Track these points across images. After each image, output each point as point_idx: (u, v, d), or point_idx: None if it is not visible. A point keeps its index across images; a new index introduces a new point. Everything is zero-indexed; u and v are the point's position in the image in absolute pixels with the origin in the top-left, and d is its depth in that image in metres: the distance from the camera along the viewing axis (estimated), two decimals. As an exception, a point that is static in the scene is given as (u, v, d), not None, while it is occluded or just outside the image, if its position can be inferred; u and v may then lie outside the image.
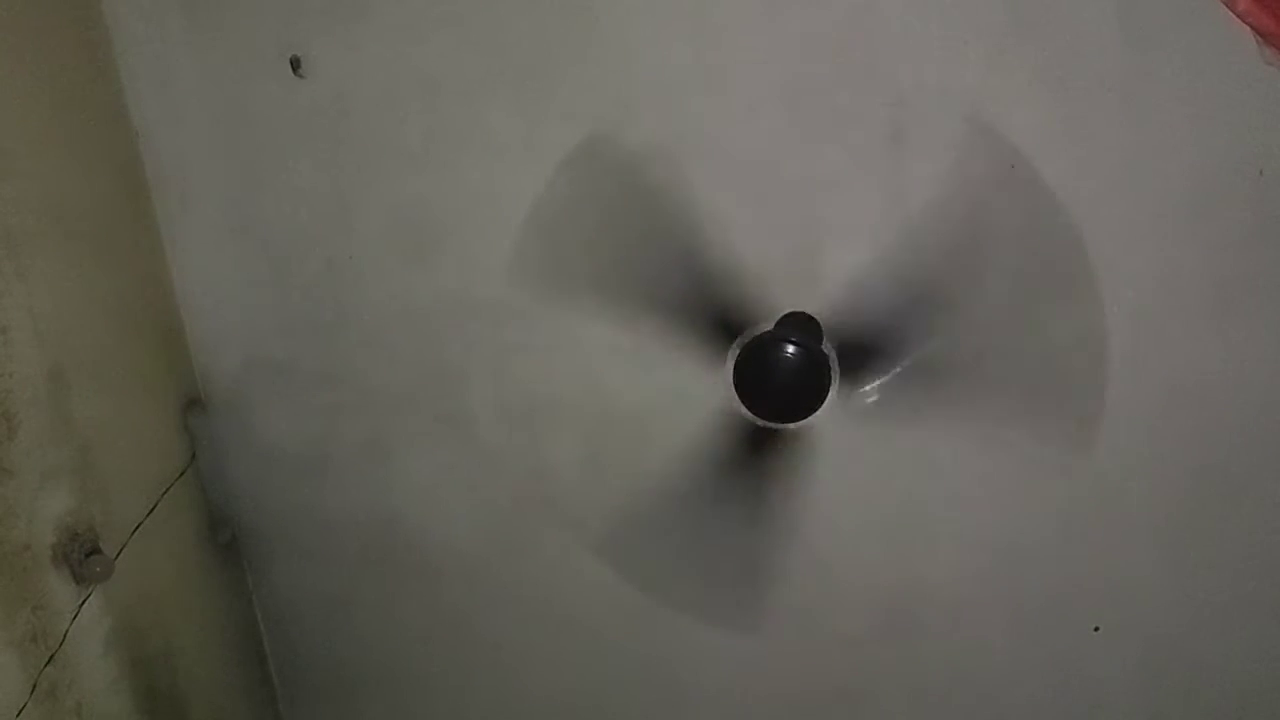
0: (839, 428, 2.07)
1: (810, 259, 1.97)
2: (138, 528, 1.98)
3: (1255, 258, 1.85)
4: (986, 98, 1.81)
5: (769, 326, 2.00)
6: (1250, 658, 2.15)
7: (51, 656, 1.67)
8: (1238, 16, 1.64)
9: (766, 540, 2.21)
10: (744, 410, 2.03)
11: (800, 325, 1.99)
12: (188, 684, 2.15)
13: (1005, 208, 1.87)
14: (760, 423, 2.06)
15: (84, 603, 1.77)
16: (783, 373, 1.98)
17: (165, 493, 2.10)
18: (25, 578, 1.62)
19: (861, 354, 2.00)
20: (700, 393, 2.07)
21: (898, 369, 1.99)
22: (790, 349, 1.96)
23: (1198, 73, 1.74)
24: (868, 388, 2.01)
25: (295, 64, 1.96)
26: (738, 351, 2.01)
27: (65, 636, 1.71)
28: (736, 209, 1.96)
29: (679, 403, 2.11)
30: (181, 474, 2.19)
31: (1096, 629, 2.19)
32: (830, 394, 2.00)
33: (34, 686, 1.62)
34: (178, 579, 2.17)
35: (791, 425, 2.06)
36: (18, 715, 1.57)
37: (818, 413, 2.03)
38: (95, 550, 1.77)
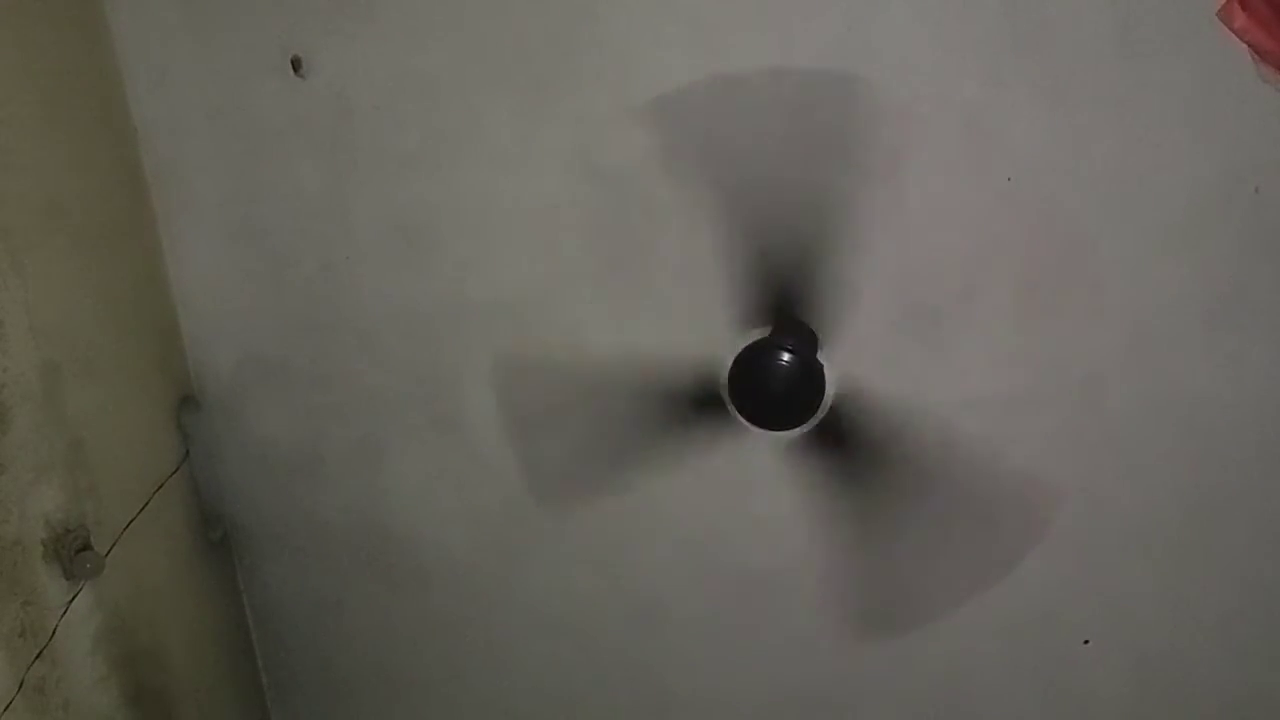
0: (828, 439, 2.07)
1: (807, 267, 1.97)
2: (129, 524, 1.97)
3: (1249, 274, 1.85)
4: (985, 111, 1.81)
5: (764, 334, 2.00)
6: (1239, 672, 2.15)
7: (40, 652, 1.67)
8: (1235, 34, 1.65)
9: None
10: (739, 417, 2.05)
11: (794, 330, 1.99)
12: (176, 682, 2.15)
13: (1002, 220, 1.88)
14: (756, 429, 2.07)
15: (73, 599, 1.77)
16: (777, 380, 1.99)
17: (157, 490, 2.10)
18: (15, 573, 1.62)
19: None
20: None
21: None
22: (784, 355, 1.97)
23: (1195, 89, 1.74)
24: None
25: (296, 64, 1.96)
26: (731, 361, 2.01)
27: (54, 632, 1.71)
28: (734, 214, 1.96)
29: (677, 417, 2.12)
30: (174, 471, 2.18)
31: (1086, 642, 2.19)
32: (825, 401, 2.02)
33: (22, 682, 1.62)
34: (168, 576, 2.16)
35: (788, 432, 2.07)
36: (5, 710, 1.57)
37: (810, 421, 2.04)
38: (86, 546, 1.77)
